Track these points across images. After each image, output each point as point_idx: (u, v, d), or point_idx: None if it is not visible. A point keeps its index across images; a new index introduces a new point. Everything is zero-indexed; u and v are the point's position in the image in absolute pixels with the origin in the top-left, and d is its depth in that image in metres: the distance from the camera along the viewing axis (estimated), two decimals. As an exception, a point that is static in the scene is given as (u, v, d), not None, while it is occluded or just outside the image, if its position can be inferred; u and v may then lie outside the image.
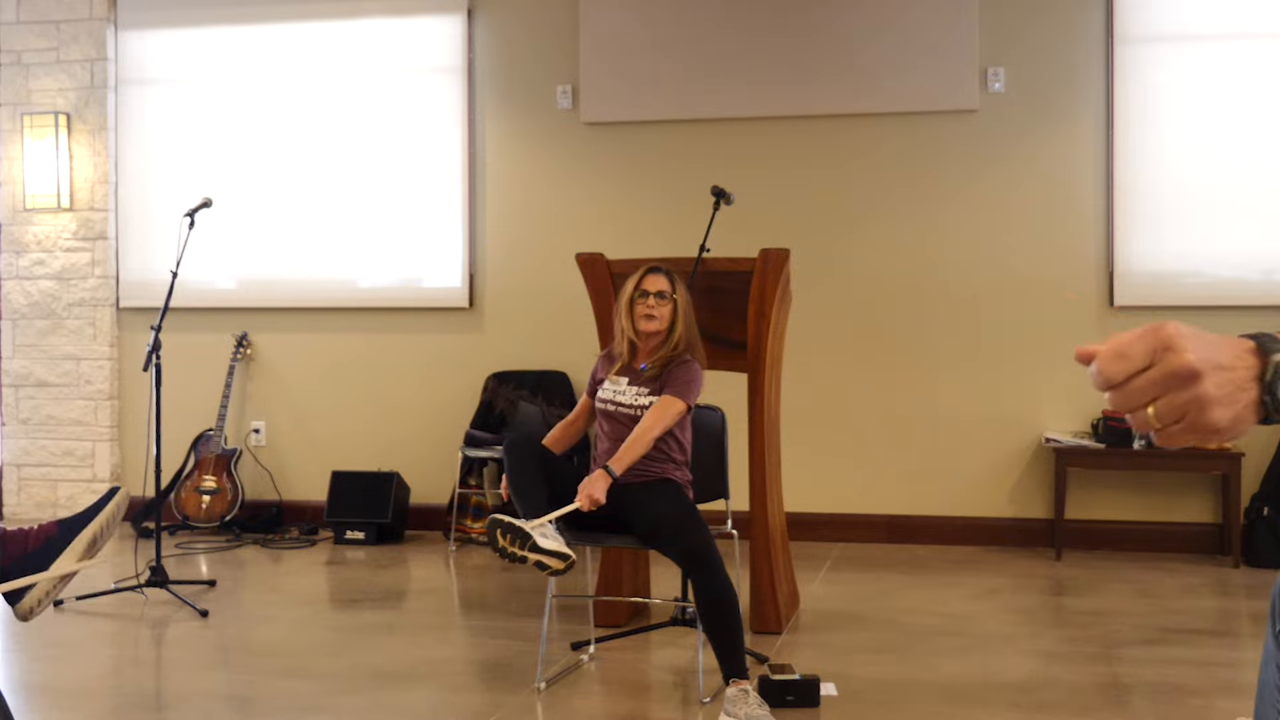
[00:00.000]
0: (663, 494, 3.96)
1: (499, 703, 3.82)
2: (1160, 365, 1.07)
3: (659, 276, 4.12)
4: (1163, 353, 1.07)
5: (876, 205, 6.45)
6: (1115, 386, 1.09)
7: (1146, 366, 1.08)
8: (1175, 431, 1.08)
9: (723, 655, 3.67)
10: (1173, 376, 1.07)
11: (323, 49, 6.99)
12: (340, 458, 6.89)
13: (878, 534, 6.42)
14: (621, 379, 4.12)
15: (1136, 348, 1.08)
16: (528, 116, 6.79)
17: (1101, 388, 1.10)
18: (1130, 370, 1.08)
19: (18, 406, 7.32)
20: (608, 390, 4.14)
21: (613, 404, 4.11)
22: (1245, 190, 6.09)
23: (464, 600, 5.46)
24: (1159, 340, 1.08)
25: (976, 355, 6.36)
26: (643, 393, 4.06)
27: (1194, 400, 1.06)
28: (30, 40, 7.27)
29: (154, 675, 4.31)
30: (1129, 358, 1.08)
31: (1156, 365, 1.08)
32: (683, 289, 4.15)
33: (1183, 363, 1.06)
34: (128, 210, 7.24)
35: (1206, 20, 6.11)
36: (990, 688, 3.94)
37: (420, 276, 6.92)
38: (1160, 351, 1.08)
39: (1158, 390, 1.08)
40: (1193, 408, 1.07)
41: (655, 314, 4.06)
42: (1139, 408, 1.09)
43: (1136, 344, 1.09)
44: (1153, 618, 4.86)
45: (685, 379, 4.02)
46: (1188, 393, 1.07)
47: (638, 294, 4.10)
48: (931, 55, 6.30)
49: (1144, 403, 1.08)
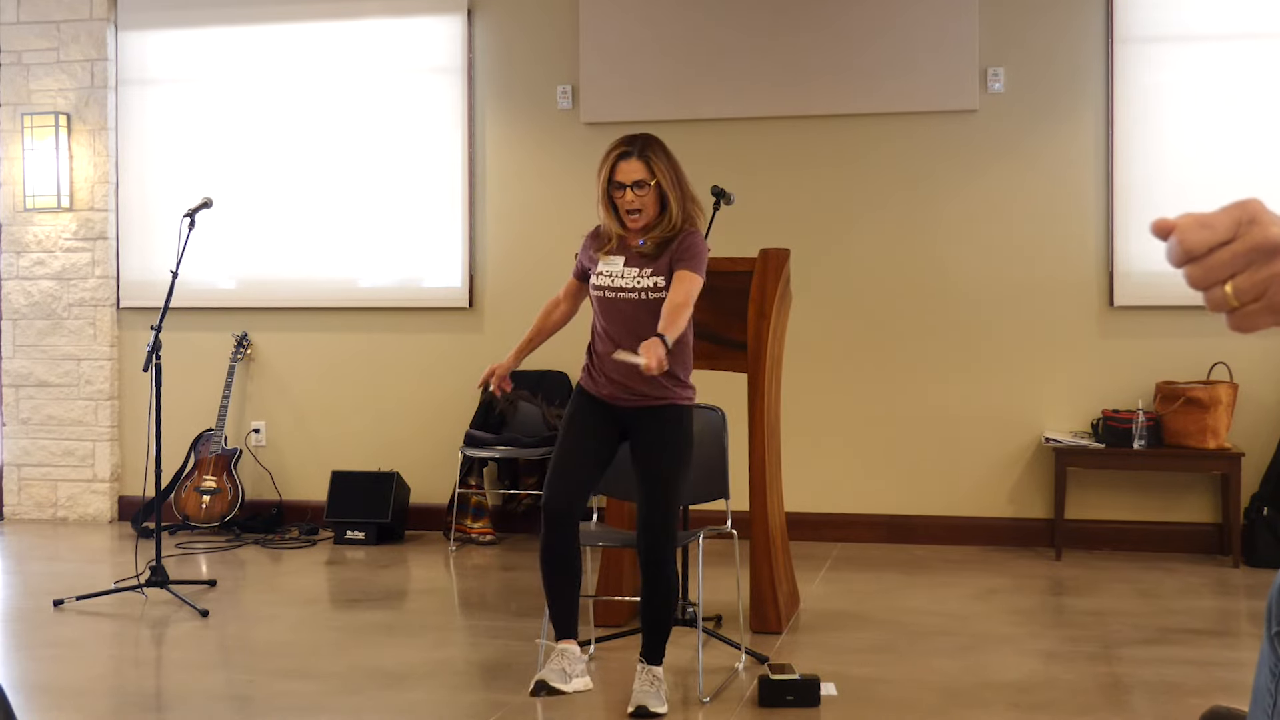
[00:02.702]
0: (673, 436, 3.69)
1: (499, 703, 3.82)
2: (1244, 238, 1.03)
3: (633, 163, 3.61)
4: (1248, 225, 1.03)
5: (876, 205, 6.45)
6: (1196, 259, 1.04)
7: (1229, 239, 1.04)
8: (1254, 310, 1.04)
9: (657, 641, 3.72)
10: (1257, 249, 1.03)
11: (323, 49, 6.99)
12: (340, 458, 6.89)
13: (878, 534, 6.42)
14: (616, 259, 3.68)
15: (1221, 219, 1.04)
16: (528, 116, 6.79)
17: (1179, 261, 1.05)
18: (1213, 241, 1.04)
19: (18, 406, 7.33)
20: (603, 274, 3.68)
21: (611, 289, 3.67)
22: (1245, 190, 6.04)
23: (464, 600, 5.46)
24: (1245, 213, 1.04)
25: (976, 355, 6.36)
26: (645, 273, 3.65)
27: (1276, 276, 1.02)
28: (30, 40, 7.27)
29: (154, 675, 4.31)
30: (1213, 228, 1.04)
31: (1240, 238, 1.03)
32: (661, 158, 3.64)
33: (1268, 236, 1.02)
34: (128, 210, 7.24)
35: (1206, 20, 6.11)
36: (990, 688, 3.94)
37: (420, 276, 6.92)
38: (1246, 224, 1.03)
39: (1240, 264, 1.03)
40: (1275, 285, 1.03)
41: (638, 206, 3.62)
42: (1217, 283, 1.04)
43: (1222, 215, 1.04)
44: (1152, 618, 4.86)
45: (695, 251, 3.64)
46: (1270, 268, 1.02)
47: (613, 188, 3.65)
48: (931, 55, 6.30)
49: (1224, 277, 1.04)
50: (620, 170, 3.61)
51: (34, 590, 5.51)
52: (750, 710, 3.74)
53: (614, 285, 3.67)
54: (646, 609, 3.73)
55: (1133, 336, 6.21)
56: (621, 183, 3.61)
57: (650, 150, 3.62)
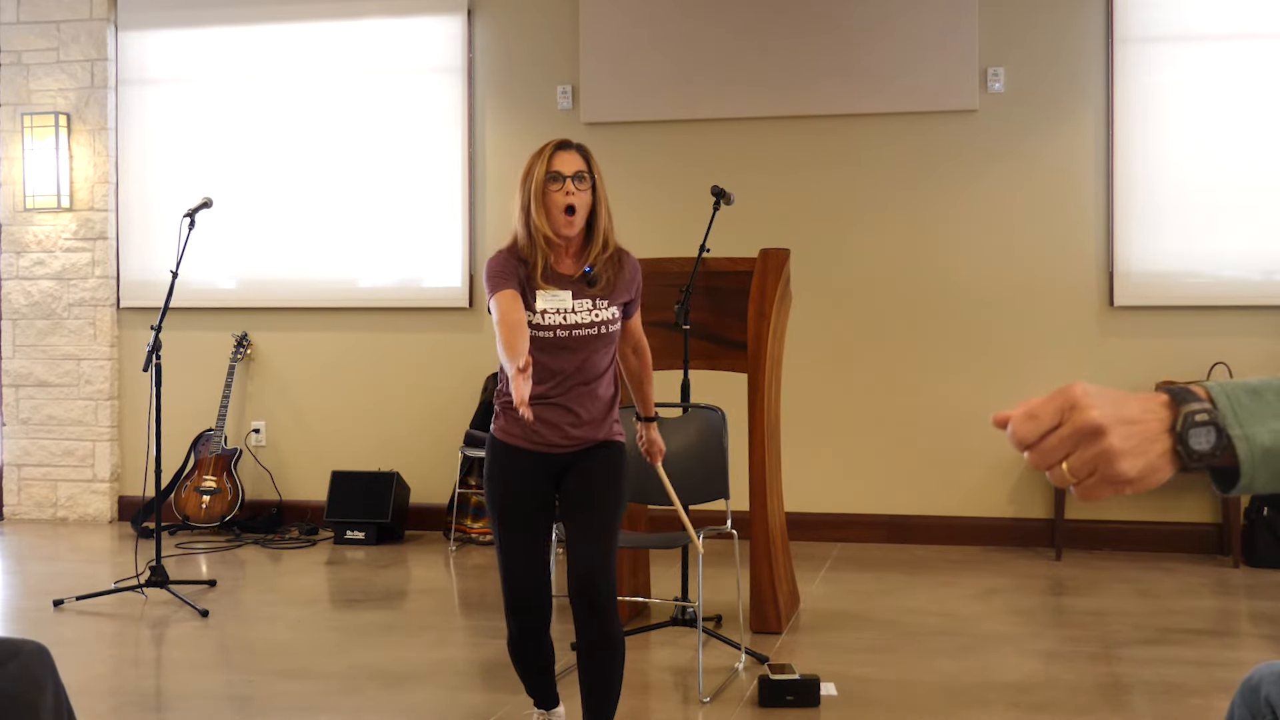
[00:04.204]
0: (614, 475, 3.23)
1: (499, 702, 3.82)
2: (1068, 423, 1.15)
3: (572, 154, 3.21)
4: (1070, 411, 1.15)
5: (877, 205, 6.45)
6: (1030, 446, 1.16)
7: (1057, 425, 1.15)
8: (1090, 485, 1.15)
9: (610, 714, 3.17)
10: (1079, 432, 1.14)
11: (323, 49, 6.99)
12: (340, 457, 6.89)
13: (878, 534, 6.42)
14: (561, 292, 3.16)
15: (1046, 409, 1.16)
16: (528, 116, 6.78)
17: (1018, 448, 1.18)
18: (1041, 430, 1.16)
19: (18, 406, 7.33)
20: (549, 312, 3.14)
21: (564, 326, 3.14)
22: (1245, 190, 6.08)
23: (464, 600, 5.46)
24: (1066, 400, 1.15)
25: (976, 355, 6.36)
26: (601, 305, 3.17)
27: (1101, 454, 1.14)
28: (30, 40, 7.27)
29: (154, 675, 4.31)
30: (1039, 418, 1.16)
31: (1065, 423, 1.15)
32: (594, 161, 3.27)
33: (1086, 419, 1.14)
34: (128, 210, 7.24)
35: (1207, 20, 6.11)
36: (990, 688, 3.94)
37: (420, 276, 6.92)
38: (1068, 410, 1.15)
39: (1068, 447, 1.15)
40: (1101, 461, 1.14)
41: (576, 204, 3.15)
42: (1054, 464, 1.15)
43: (1046, 405, 1.16)
44: (1152, 618, 4.86)
45: (638, 281, 3.29)
46: (1095, 447, 1.14)
47: (549, 178, 3.15)
48: (931, 55, 6.30)
49: (1058, 459, 1.15)
50: (559, 159, 3.16)
51: (34, 590, 5.51)
52: (750, 710, 3.74)
53: (565, 323, 3.14)
54: (592, 673, 3.14)
55: (1133, 336, 6.20)
56: (560, 173, 3.14)
57: (586, 149, 3.28)
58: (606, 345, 3.22)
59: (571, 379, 3.17)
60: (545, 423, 3.15)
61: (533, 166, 3.20)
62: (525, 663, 3.30)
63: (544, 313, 3.14)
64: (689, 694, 3.91)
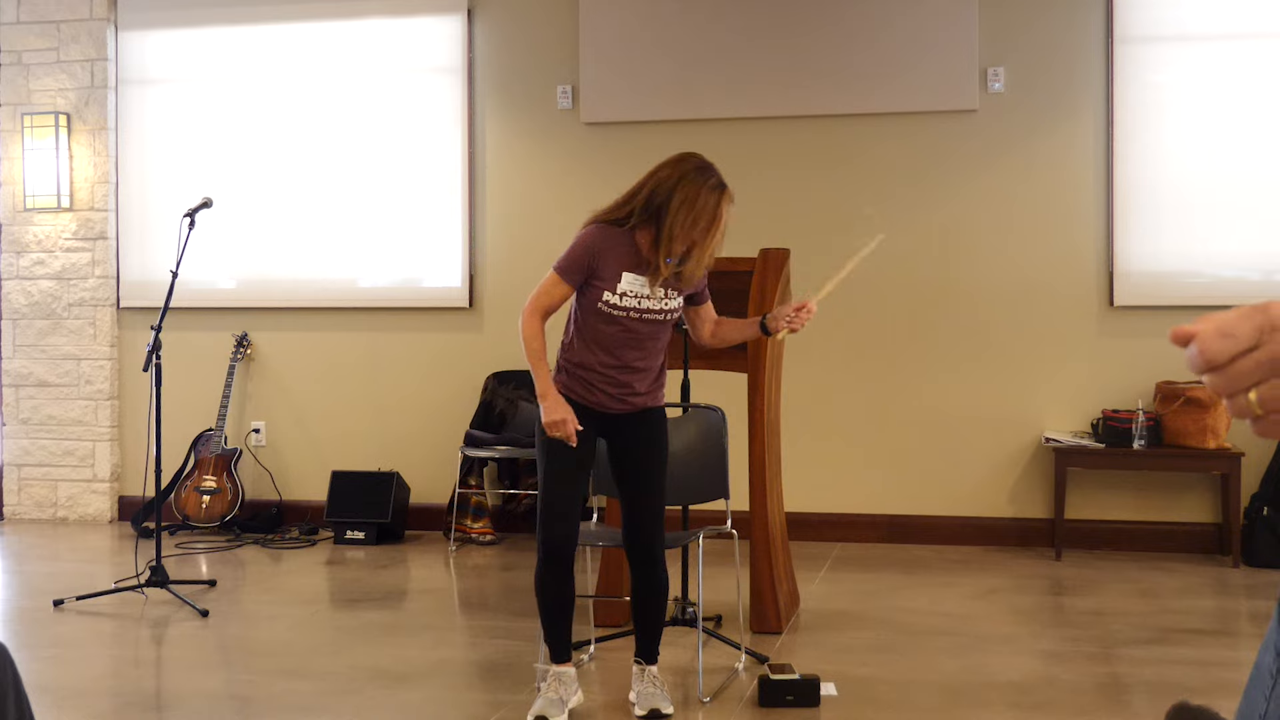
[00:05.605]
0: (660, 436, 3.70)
1: (499, 702, 3.83)
2: (1268, 346, 1.00)
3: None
4: (1271, 333, 1.01)
5: (877, 205, 6.44)
6: (1217, 368, 1.02)
7: (1252, 347, 1.01)
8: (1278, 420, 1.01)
9: (655, 641, 3.74)
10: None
11: (323, 49, 6.99)
12: (340, 458, 6.89)
13: (878, 534, 6.42)
14: (640, 278, 3.54)
15: (1243, 326, 1.01)
16: (528, 116, 6.79)
17: (1200, 369, 1.02)
18: (1235, 350, 1.01)
19: (18, 406, 7.33)
20: (628, 294, 3.52)
21: (636, 310, 3.53)
22: (1245, 190, 6.08)
23: (464, 600, 5.46)
24: (1268, 320, 1.01)
25: (976, 355, 6.36)
26: (671, 295, 3.58)
27: None
28: (30, 40, 7.27)
29: (154, 675, 4.31)
30: (1235, 336, 1.01)
31: (1264, 346, 1.00)
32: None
33: None
34: (128, 210, 7.24)
35: (1206, 20, 6.11)
36: (990, 688, 3.94)
37: (420, 276, 6.92)
38: (1269, 331, 1.01)
39: (1264, 373, 1.00)
40: None
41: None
42: (1241, 391, 1.01)
43: (1243, 322, 1.01)
44: (1153, 617, 4.86)
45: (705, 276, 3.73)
46: None
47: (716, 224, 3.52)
48: (931, 55, 6.30)
49: (1246, 386, 1.01)
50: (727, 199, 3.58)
51: (34, 590, 5.51)
52: (750, 710, 3.74)
53: (639, 307, 3.53)
54: (642, 609, 3.73)
55: (1133, 336, 6.21)
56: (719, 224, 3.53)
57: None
58: (667, 329, 3.65)
59: (632, 355, 3.56)
60: (603, 391, 3.58)
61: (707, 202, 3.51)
62: (548, 594, 3.64)
63: (623, 294, 3.51)
64: (689, 694, 3.91)
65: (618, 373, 3.57)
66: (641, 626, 3.74)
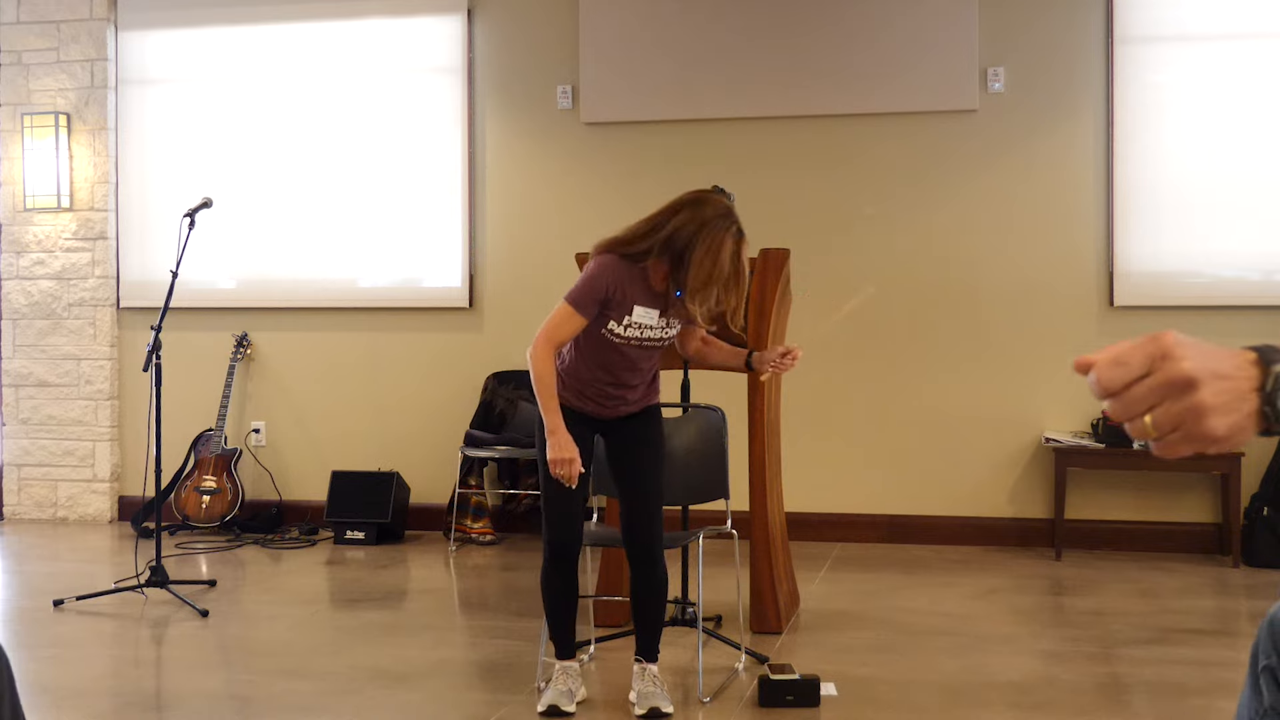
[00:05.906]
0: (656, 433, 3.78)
1: (499, 702, 3.83)
2: (1158, 373, 1.07)
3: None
4: (1161, 361, 1.08)
5: (877, 205, 6.45)
6: (1113, 394, 1.09)
7: (1145, 374, 1.08)
8: (1173, 440, 1.08)
9: (654, 639, 3.76)
10: (1170, 384, 1.07)
11: (323, 49, 6.99)
12: (340, 458, 6.89)
13: (878, 534, 6.42)
14: (653, 311, 3.62)
15: (1135, 355, 1.08)
16: (528, 116, 6.79)
17: (1100, 396, 1.10)
18: (1128, 378, 1.08)
19: (18, 406, 7.33)
20: (636, 325, 3.62)
21: (638, 339, 3.64)
22: (1245, 190, 6.08)
23: (464, 600, 5.46)
24: (1158, 348, 1.08)
25: (976, 355, 6.36)
26: (673, 323, 3.69)
27: (1191, 409, 1.06)
28: (30, 40, 7.27)
29: (154, 675, 4.31)
30: (1127, 365, 1.08)
31: (1154, 373, 1.08)
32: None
33: (1180, 370, 1.07)
34: (128, 210, 7.24)
35: (1206, 20, 6.11)
36: (990, 688, 3.94)
37: (420, 276, 6.92)
38: (1158, 359, 1.08)
39: (1155, 398, 1.07)
40: (1189, 416, 1.06)
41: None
42: (1137, 415, 1.08)
43: (1135, 352, 1.09)
44: (1153, 618, 4.86)
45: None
46: (1185, 401, 1.06)
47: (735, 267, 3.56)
48: (931, 55, 6.30)
49: (1142, 410, 1.08)
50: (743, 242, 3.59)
51: (34, 590, 5.51)
52: (750, 710, 3.74)
53: (642, 335, 3.62)
54: (642, 608, 3.75)
55: (1133, 336, 6.19)
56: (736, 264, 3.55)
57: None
58: (663, 351, 3.77)
59: (627, 375, 3.69)
60: (595, 401, 3.70)
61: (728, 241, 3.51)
62: (553, 591, 3.73)
63: (631, 324, 3.61)
64: (689, 694, 3.91)
65: (612, 388, 3.70)
66: (641, 625, 3.77)
